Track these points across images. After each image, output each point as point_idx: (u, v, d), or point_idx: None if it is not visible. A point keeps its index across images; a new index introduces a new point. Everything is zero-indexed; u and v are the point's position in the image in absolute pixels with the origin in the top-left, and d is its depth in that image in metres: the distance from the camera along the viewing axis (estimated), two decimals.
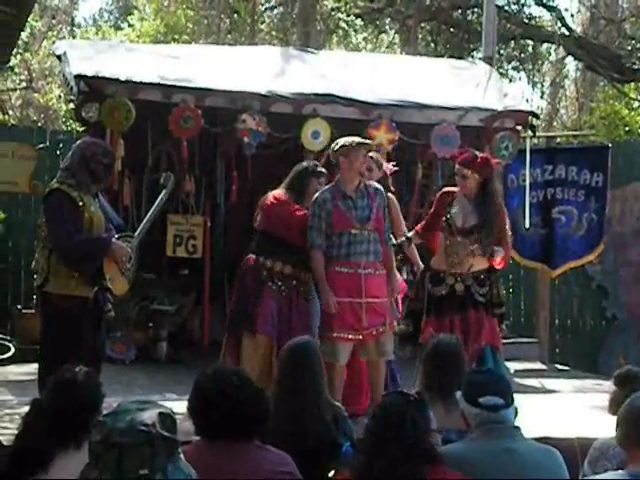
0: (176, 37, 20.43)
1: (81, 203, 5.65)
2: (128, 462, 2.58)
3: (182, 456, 2.73)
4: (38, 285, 5.79)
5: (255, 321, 6.41)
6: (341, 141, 6.44)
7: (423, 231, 7.00)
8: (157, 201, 6.36)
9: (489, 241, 6.67)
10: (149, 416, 2.66)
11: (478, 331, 6.67)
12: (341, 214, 6.30)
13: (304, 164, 6.78)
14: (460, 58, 14.82)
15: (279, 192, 6.62)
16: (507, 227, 6.90)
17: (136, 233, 6.08)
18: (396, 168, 7.25)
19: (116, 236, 5.81)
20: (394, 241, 6.71)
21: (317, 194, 6.41)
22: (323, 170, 6.64)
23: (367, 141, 6.60)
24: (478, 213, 6.70)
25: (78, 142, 6.01)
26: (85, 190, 5.71)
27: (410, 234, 6.99)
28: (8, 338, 9.70)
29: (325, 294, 6.25)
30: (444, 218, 6.79)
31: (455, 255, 6.70)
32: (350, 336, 6.26)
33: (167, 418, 2.71)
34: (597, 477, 3.65)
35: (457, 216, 6.75)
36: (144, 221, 6.22)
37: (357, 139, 6.46)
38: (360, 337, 6.28)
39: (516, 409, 3.83)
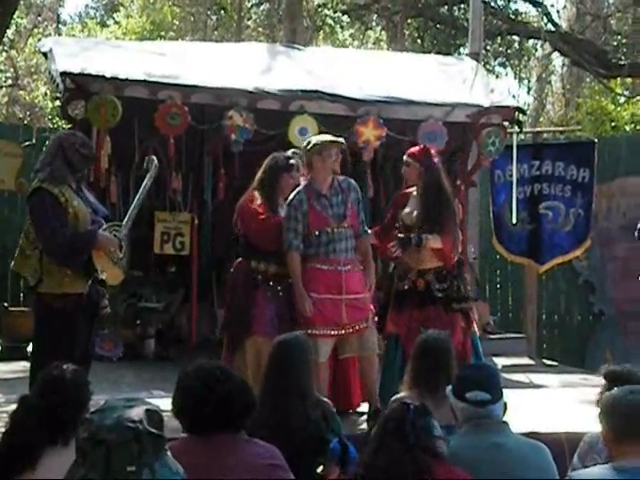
0: (162, 34, 20.44)
1: (63, 199, 5.65)
2: (116, 459, 2.58)
3: (169, 453, 2.73)
4: (31, 286, 5.80)
5: (251, 324, 6.27)
6: (313, 140, 6.43)
7: (379, 233, 6.95)
8: (142, 186, 6.35)
9: (428, 229, 6.61)
10: (136, 413, 2.67)
11: (435, 327, 6.63)
12: (317, 214, 6.29)
13: (274, 158, 6.56)
14: (447, 54, 14.83)
15: (251, 195, 6.49)
16: (454, 223, 6.76)
17: (124, 221, 6.08)
18: None
19: (104, 226, 5.82)
20: (369, 232, 6.66)
21: (292, 195, 6.37)
22: (294, 162, 6.53)
23: (338, 139, 6.50)
24: (422, 207, 6.69)
25: (56, 134, 6.05)
26: (62, 181, 5.70)
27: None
28: None
29: (301, 297, 6.21)
30: (397, 219, 6.81)
31: (408, 253, 6.70)
32: (332, 332, 6.25)
33: (154, 415, 2.71)
34: (583, 471, 3.66)
35: (407, 214, 6.75)
36: (131, 208, 6.21)
37: (329, 137, 6.45)
38: (342, 332, 6.29)
39: (505, 404, 3.84)
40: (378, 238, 6.90)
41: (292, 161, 6.53)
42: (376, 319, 6.55)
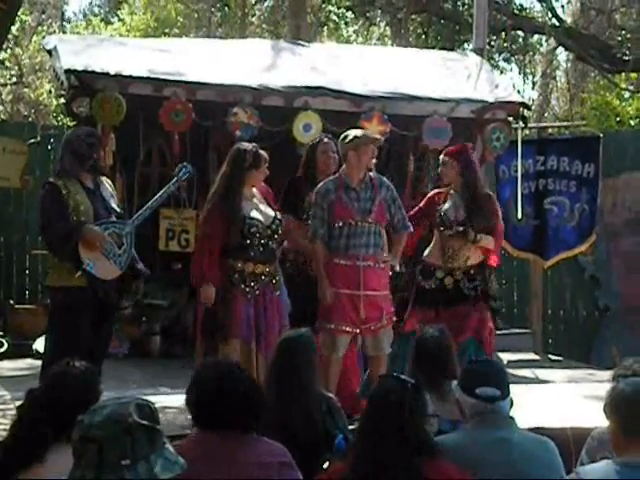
0: (166, 31, 20.45)
1: (65, 191, 5.76)
2: (108, 455, 2.59)
3: (169, 446, 2.73)
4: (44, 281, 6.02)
5: (228, 327, 6.01)
6: (351, 134, 6.41)
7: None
8: (164, 188, 6.38)
9: (479, 228, 6.69)
10: (125, 408, 2.67)
11: (464, 324, 6.66)
12: (343, 205, 6.28)
13: (240, 153, 6.19)
14: (451, 50, 14.80)
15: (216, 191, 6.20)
16: (498, 217, 6.90)
17: (132, 220, 6.13)
18: None
19: (102, 221, 5.90)
20: (410, 228, 6.60)
21: (320, 184, 6.39)
22: (263, 154, 6.23)
23: (377, 136, 6.54)
24: (465, 205, 6.75)
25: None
26: (73, 175, 5.83)
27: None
28: (1, 333, 9.70)
29: (323, 286, 6.21)
30: (437, 215, 6.83)
31: (450, 249, 6.73)
32: (348, 329, 6.25)
33: (144, 407, 2.71)
34: (589, 466, 3.66)
35: (449, 211, 6.81)
36: (144, 208, 6.26)
37: (368, 133, 6.46)
38: (357, 331, 6.28)
39: (511, 400, 3.84)
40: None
41: (260, 153, 6.22)
42: (394, 319, 6.54)
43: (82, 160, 5.91)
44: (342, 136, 6.46)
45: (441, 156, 6.95)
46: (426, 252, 6.96)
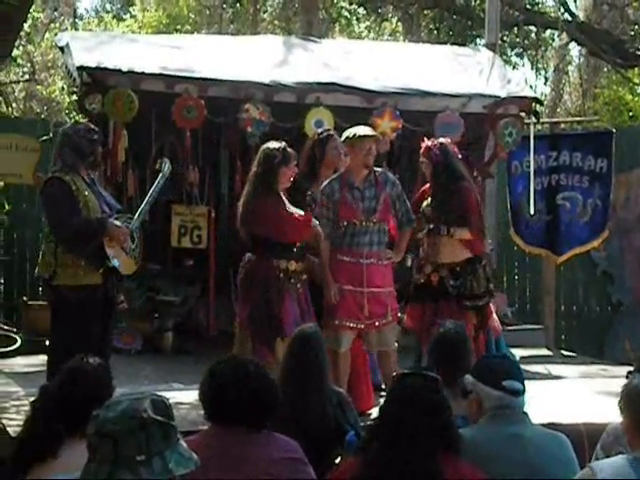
0: (178, 27, 20.46)
1: (75, 187, 5.74)
2: (124, 450, 2.59)
3: (182, 442, 2.73)
4: (45, 279, 5.84)
5: (282, 326, 6.11)
6: (348, 132, 6.44)
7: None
8: (154, 186, 6.40)
9: (442, 220, 6.67)
10: (140, 403, 2.68)
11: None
12: (347, 205, 6.32)
13: (270, 152, 6.34)
14: (463, 45, 14.80)
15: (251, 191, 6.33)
16: (471, 209, 6.82)
17: (136, 215, 6.14)
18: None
19: (115, 215, 5.88)
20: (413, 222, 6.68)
21: (325, 183, 6.42)
22: (291, 152, 6.36)
23: (371, 133, 6.52)
24: (433, 200, 6.78)
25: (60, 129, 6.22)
26: (75, 170, 5.79)
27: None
28: (14, 330, 9.73)
29: (328, 284, 6.27)
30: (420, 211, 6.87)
31: (428, 245, 6.78)
32: (352, 324, 6.27)
33: (159, 403, 2.72)
34: (603, 461, 3.65)
35: (426, 206, 6.84)
36: (142, 204, 6.27)
37: (361, 130, 6.43)
38: (362, 326, 6.29)
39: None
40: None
41: (289, 150, 6.37)
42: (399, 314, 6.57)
43: (83, 156, 5.89)
44: (344, 134, 6.49)
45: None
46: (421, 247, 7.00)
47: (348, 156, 6.65)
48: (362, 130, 6.46)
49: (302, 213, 6.24)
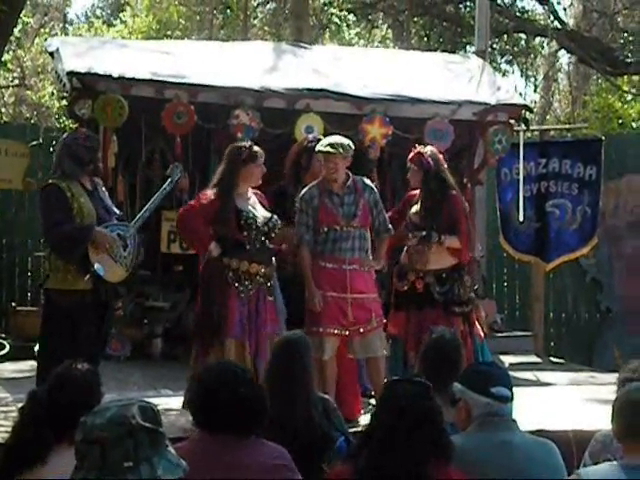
0: (168, 33, 20.46)
1: (69, 193, 5.78)
2: (111, 456, 2.59)
3: (171, 448, 2.72)
4: (40, 283, 5.94)
5: (223, 326, 5.96)
6: (320, 143, 6.44)
7: None
8: (160, 190, 6.39)
9: (433, 227, 6.67)
10: (128, 409, 2.67)
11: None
12: (327, 211, 6.30)
13: (235, 149, 6.28)
14: (453, 52, 14.84)
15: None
16: (460, 216, 6.82)
17: (132, 222, 6.14)
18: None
19: (106, 224, 5.90)
20: (391, 231, 6.64)
21: (304, 190, 6.40)
22: (259, 149, 6.25)
23: (334, 151, 6.30)
24: (423, 208, 6.78)
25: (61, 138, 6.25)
26: (74, 178, 5.84)
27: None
28: (2, 335, 9.71)
29: (311, 291, 6.23)
30: (407, 218, 6.86)
31: (414, 252, 6.76)
32: (335, 331, 6.25)
33: (147, 410, 2.71)
34: (591, 468, 3.66)
35: (414, 214, 6.82)
36: (143, 210, 6.28)
37: (329, 146, 6.31)
38: (346, 333, 6.28)
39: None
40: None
41: (256, 149, 6.26)
42: (384, 320, 6.55)
43: (82, 164, 5.93)
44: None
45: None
46: (403, 254, 6.98)
47: None
48: (330, 145, 6.33)
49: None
